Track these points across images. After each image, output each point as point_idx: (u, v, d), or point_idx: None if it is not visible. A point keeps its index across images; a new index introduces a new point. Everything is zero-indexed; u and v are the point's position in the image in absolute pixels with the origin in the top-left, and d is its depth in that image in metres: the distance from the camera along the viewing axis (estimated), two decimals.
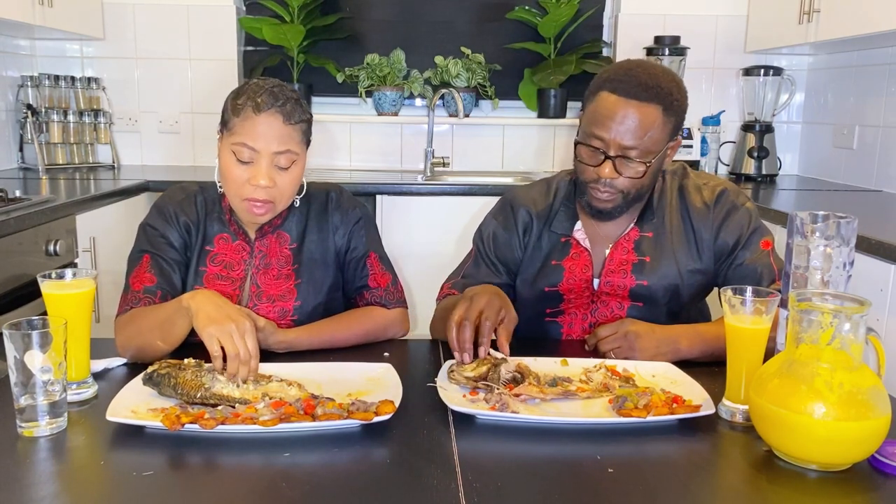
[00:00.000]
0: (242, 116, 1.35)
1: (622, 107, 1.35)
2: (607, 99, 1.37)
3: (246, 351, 1.15)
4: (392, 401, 1.06)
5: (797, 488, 0.93)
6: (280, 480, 0.91)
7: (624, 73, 1.38)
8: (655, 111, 1.36)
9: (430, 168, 3.36)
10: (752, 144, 3.28)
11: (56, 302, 1.14)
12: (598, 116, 1.38)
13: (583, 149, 1.42)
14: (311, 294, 1.48)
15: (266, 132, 1.35)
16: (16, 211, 2.04)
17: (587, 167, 1.42)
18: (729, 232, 1.47)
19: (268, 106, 1.35)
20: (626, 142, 1.36)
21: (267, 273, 1.47)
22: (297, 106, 1.38)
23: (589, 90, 1.42)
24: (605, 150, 1.38)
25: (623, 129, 1.35)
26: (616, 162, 1.38)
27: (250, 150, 1.35)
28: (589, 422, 1.09)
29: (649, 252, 1.48)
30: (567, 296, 1.51)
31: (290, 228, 1.50)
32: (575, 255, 1.51)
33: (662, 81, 1.37)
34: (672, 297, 1.49)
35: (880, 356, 0.98)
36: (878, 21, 2.41)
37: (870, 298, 0.97)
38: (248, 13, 3.46)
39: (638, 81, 1.36)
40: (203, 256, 1.46)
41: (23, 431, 1.01)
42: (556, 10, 3.25)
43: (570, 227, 1.52)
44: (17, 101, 3.13)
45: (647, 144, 1.36)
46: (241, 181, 1.37)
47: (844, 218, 1.07)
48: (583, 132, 1.42)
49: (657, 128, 1.36)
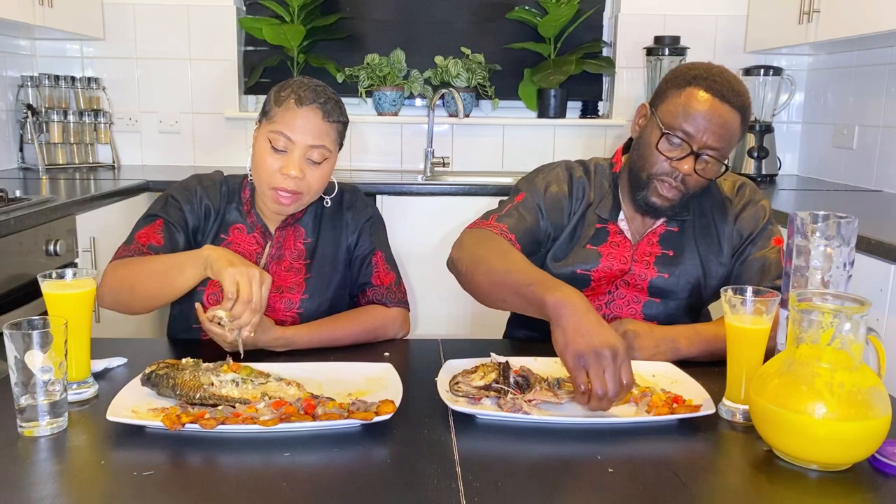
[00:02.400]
0: (284, 107, 1.40)
1: (717, 107, 1.35)
2: (700, 96, 1.36)
3: (259, 300, 1.20)
4: (392, 401, 1.06)
5: (797, 488, 0.93)
6: (280, 480, 0.91)
7: (717, 73, 1.39)
8: (738, 118, 1.37)
9: (430, 168, 3.36)
10: (752, 144, 3.28)
11: (56, 302, 1.14)
12: (689, 111, 1.36)
13: (665, 141, 1.39)
14: (319, 290, 1.49)
15: (304, 125, 1.39)
16: (16, 211, 2.04)
17: (664, 159, 1.40)
18: (744, 223, 1.48)
19: (310, 101, 1.40)
20: (712, 141, 1.36)
21: (279, 264, 1.49)
22: (336, 106, 1.44)
23: (670, 83, 1.41)
24: (690, 144, 1.37)
25: (713, 127, 1.35)
26: (696, 159, 1.38)
27: (286, 140, 1.39)
28: (589, 422, 1.09)
29: (673, 246, 1.49)
30: (594, 283, 1.50)
31: (307, 224, 1.53)
32: (614, 243, 1.50)
33: (744, 91, 1.39)
34: (693, 291, 1.49)
35: (880, 356, 0.98)
36: (878, 21, 2.41)
37: (869, 298, 0.97)
38: (248, 13, 3.46)
39: (730, 86, 1.37)
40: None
41: (23, 431, 1.01)
42: (556, 10, 3.25)
43: (615, 214, 1.51)
44: (17, 101, 3.13)
45: (726, 148, 1.38)
46: (273, 170, 1.40)
47: (845, 218, 1.07)
48: (667, 125, 1.39)
49: (736, 135, 1.38)
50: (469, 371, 1.17)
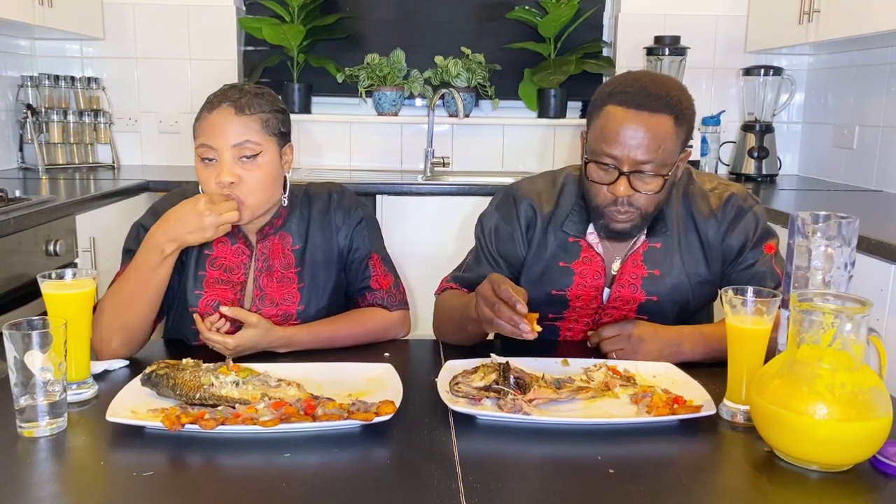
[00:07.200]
0: (200, 119, 1.38)
1: (632, 119, 1.27)
2: (615, 113, 1.28)
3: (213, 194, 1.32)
4: (392, 401, 1.06)
5: (798, 489, 0.93)
6: (280, 481, 0.91)
7: (629, 83, 1.30)
8: (667, 121, 1.28)
9: (430, 168, 3.35)
10: (752, 144, 3.28)
11: (56, 302, 1.14)
12: (607, 132, 1.29)
13: (593, 168, 1.33)
14: (314, 297, 1.47)
15: (219, 126, 1.35)
16: (16, 211, 2.03)
17: (600, 188, 1.33)
18: (735, 236, 1.42)
19: (219, 102, 1.36)
20: (640, 156, 1.27)
21: (270, 276, 1.45)
22: (255, 99, 1.37)
23: (592, 106, 1.34)
24: (618, 167, 1.30)
25: (635, 143, 1.27)
26: (631, 178, 1.30)
27: (209, 149, 1.35)
28: (589, 422, 1.09)
29: (658, 264, 1.43)
30: (573, 303, 1.46)
31: (292, 229, 1.48)
32: (586, 259, 1.44)
33: (671, 90, 1.30)
34: (681, 308, 1.46)
35: (881, 357, 0.98)
36: (878, 21, 2.41)
37: (870, 298, 0.97)
38: (248, 13, 3.46)
39: (646, 91, 1.28)
40: (202, 260, 1.45)
41: (23, 432, 1.01)
42: (556, 10, 3.25)
43: (582, 229, 1.44)
44: (17, 101, 3.12)
45: (661, 157, 1.28)
46: (212, 184, 1.35)
47: (846, 218, 1.07)
48: (591, 151, 1.33)
49: (670, 139, 1.28)
50: (469, 372, 1.17)
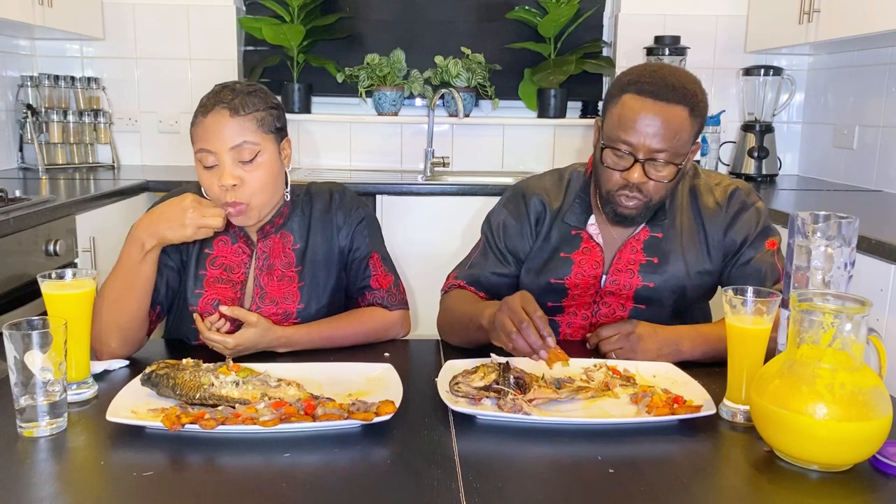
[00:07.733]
0: (195, 124, 1.37)
1: (650, 109, 1.32)
2: (634, 101, 1.34)
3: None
4: (392, 401, 1.06)
5: (798, 489, 0.93)
6: (280, 481, 0.91)
7: (648, 74, 1.35)
8: (683, 112, 1.33)
9: (430, 168, 3.35)
10: (752, 144, 3.28)
11: (56, 302, 1.14)
12: (624, 120, 1.34)
13: (609, 154, 1.38)
14: (314, 297, 1.47)
15: (215, 130, 1.34)
16: (16, 211, 2.03)
17: (614, 173, 1.38)
18: (737, 230, 1.46)
19: (212, 105, 1.35)
20: (655, 144, 1.33)
21: (270, 274, 1.45)
22: (248, 98, 1.36)
23: (610, 94, 1.40)
24: (633, 153, 1.35)
25: (652, 131, 1.32)
26: (645, 166, 1.35)
27: (208, 153, 1.35)
28: (590, 422, 1.09)
29: (658, 253, 1.47)
30: (572, 291, 1.49)
31: (293, 228, 1.48)
32: (586, 249, 1.49)
33: (687, 83, 1.35)
34: (678, 298, 1.48)
35: (881, 357, 0.98)
36: (878, 21, 2.41)
37: (870, 298, 0.97)
38: (248, 13, 3.46)
39: (665, 83, 1.33)
40: (202, 259, 1.45)
41: (23, 432, 1.01)
42: (556, 9, 3.25)
43: (584, 220, 1.49)
44: (17, 101, 3.12)
45: (675, 147, 1.33)
46: (215, 189, 1.36)
47: (846, 218, 1.07)
48: (607, 137, 1.38)
49: (685, 129, 1.34)
50: (469, 371, 1.17)
